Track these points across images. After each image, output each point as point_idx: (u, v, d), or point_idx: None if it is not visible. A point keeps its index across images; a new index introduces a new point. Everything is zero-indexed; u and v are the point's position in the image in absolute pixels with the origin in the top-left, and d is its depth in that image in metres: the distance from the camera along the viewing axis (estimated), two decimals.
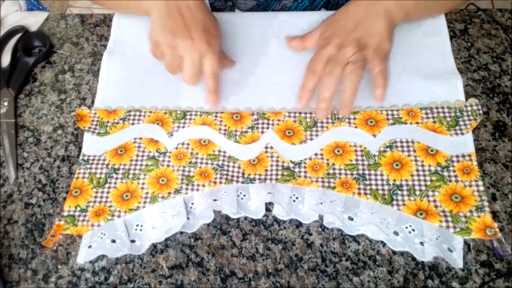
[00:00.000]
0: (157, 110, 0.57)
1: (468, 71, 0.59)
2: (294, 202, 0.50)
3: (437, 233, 0.47)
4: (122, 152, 0.54)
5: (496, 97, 0.57)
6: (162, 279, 0.48)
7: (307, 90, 0.54)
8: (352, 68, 0.52)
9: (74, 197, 0.51)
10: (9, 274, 0.49)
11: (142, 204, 0.50)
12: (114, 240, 0.49)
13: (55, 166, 0.55)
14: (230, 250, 0.49)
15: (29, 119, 0.59)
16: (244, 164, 0.52)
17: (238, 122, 0.55)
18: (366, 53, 0.53)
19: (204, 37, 0.52)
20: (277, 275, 0.48)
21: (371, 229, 0.48)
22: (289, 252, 0.49)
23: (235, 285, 0.47)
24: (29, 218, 0.52)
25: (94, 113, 0.57)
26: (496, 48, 0.61)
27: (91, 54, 0.64)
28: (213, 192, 0.50)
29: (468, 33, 0.63)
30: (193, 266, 0.48)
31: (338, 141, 0.53)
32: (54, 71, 0.63)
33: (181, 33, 0.51)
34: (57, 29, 0.67)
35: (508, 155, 0.53)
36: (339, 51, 0.53)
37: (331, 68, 0.52)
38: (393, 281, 0.47)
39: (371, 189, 0.49)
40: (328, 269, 0.48)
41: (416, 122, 0.53)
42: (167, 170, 0.52)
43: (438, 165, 0.50)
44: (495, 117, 0.55)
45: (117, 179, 0.52)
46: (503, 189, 0.51)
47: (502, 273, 0.46)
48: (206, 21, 0.53)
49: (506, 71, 0.59)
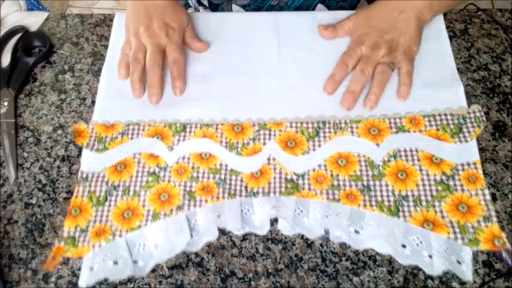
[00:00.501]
0: (156, 124, 0.56)
1: (468, 71, 0.59)
2: (299, 215, 0.50)
3: (445, 244, 0.46)
4: (121, 168, 0.53)
5: (496, 97, 0.57)
6: (162, 279, 0.48)
7: (335, 80, 0.57)
8: (383, 69, 0.56)
9: (73, 216, 0.50)
10: (9, 274, 0.49)
11: (144, 223, 0.49)
12: (117, 262, 0.48)
13: (55, 166, 0.55)
14: (230, 250, 0.49)
15: (29, 119, 0.59)
16: (246, 177, 0.51)
17: (240, 134, 0.54)
18: (396, 54, 0.57)
19: (164, 28, 0.59)
20: (277, 275, 0.48)
21: (378, 243, 0.48)
22: (289, 252, 0.49)
23: (235, 285, 0.47)
24: (29, 218, 0.52)
25: (92, 129, 0.56)
26: (496, 48, 0.61)
27: (91, 54, 0.64)
28: (216, 208, 0.50)
29: (468, 33, 0.63)
30: (193, 266, 0.48)
31: (341, 152, 0.52)
32: (54, 71, 0.63)
33: (145, 24, 0.59)
34: (57, 29, 0.67)
35: (508, 155, 0.53)
36: (372, 52, 0.57)
37: (364, 66, 0.56)
38: (393, 281, 0.47)
39: (376, 201, 0.49)
40: (328, 269, 0.48)
41: (420, 130, 0.53)
42: (168, 186, 0.51)
43: (443, 174, 0.50)
44: (495, 117, 0.55)
45: (117, 197, 0.51)
46: (503, 189, 0.51)
47: (502, 273, 0.46)
48: (167, 15, 0.60)
49: (506, 71, 0.59)
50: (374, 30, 0.58)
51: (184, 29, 0.62)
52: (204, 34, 0.64)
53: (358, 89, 0.56)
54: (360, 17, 0.61)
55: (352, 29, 0.61)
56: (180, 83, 0.58)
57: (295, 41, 0.62)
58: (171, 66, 0.58)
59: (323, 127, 0.54)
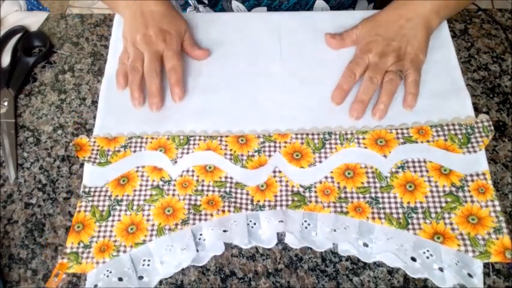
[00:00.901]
0: (159, 136, 0.55)
1: (468, 71, 0.59)
2: (306, 229, 0.49)
3: (456, 257, 0.46)
4: (124, 181, 0.52)
5: (496, 97, 0.57)
6: (162, 279, 0.48)
7: (342, 90, 0.56)
8: (391, 78, 0.55)
9: (76, 232, 0.49)
10: (9, 274, 0.49)
11: (148, 238, 0.48)
12: (121, 278, 0.47)
13: (55, 166, 0.55)
14: (230, 250, 0.49)
15: (29, 119, 0.59)
16: (252, 190, 0.51)
17: (244, 146, 0.54)
18: (403, 63, 0.56)
19: (161, 35, 0.58)
20: (277, 275, 0.48)
21: (388, 256, 0.47)
22: (289, 252, 0.49)
23: (235, 285, 0.47)
24: (29, 218, 0.52)
25: (94, 142, 0.55)
26: (496, 48, 0.61)
27: (91, 54, 0.64)
28: (222, 222, 0.49)
29: (468, 33, 0.63)
30: (193, 266, 0.48)
31: (348, 163, 0.52)
32: (54, 71, 0.63)
33: (142, 32, 0.58)
34: (57, 29, 0.67)
35: (508, 155, 0.53)
36: (380, 60, 0.56)
37: (372, 74, 0.55)
38: (393, 281, 0.47)
39: (385, 213, 0.48)
40: (328, 269, 0.48)
41: (427, 141, 0.52)
42: (173, 200, 0.51)
43: (452, 185, 0.49)
44: (495, 117, 0.55)
45: (120, 211, 0.50)
46: (503, 189, 0.51)
47: (502, 273, 0.46)
48: (164, 22, 0.60)
49: (506, 71, 0.59)
50: (381, 38, 0.57)
51: (183, 35, 0.61)
52: (204, 43, 0.63)
53: (367, 98, 0.55)
54: (366, 26, 0.60)
55: (359, 37, 0.60)
56: (179, 90, 0.57)
57: (298, 50, 0.61)
58: (169, 73, 0.57)
59: (329, 138, 0.53)
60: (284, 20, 0.64)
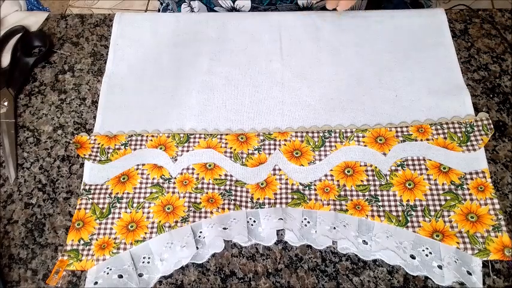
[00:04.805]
0: (159, 134, 0.55)
1: (468, 71, 0.59)
2: (306, 226, 0.49)
3: (455, 255, 0.46)
4: (124, 179, 0.52)
5: (496, 97, 0.57)
6: (162, 279, 0.48)
7: None
8: None
9: (76, 229, 0.50)
10: (9, 274, 0.49)
11: (148, 235, 0.49)
12: (121, 275, 0.47)
13: (55, 166, 0.55)
14: (230, 250, 0.49)
15: (29, 119, 0.59)
16: (252, 188, 0.51)
17: (244, 144, 0.54)
18: None
19: None
20: (277, 275, 0.48)
21: (387, 254, 0.47)
22: (289, 252, 0.49)
23: (235, 285, 0.47)
24: (29, 218, 0.52)
25: (94, 139, 0.55)
26: (496, 48, 0.61)
27: (91, 54, 0.64)
28: (221, 220, 0.49)
29: (468, 33, 0.63)
30: (193, 266, 0.48)
31: (348, 161, 0.52)
32: (54, 71, 0.63)
33: None
34: (57, 29, 0.67)
35: (508, 155, 0.53)
36: None
37: None
38: (393, 281, 0.47)
39: (384, 211, 0.48)
40: (328, 269, 0.48)
41: (427, 139, 0.52)
42: (173, 197, 0.51)
43: (452, 183, 0.50)
44: (495, 117, 0.55)
45: (120, 209, 0.51)
46: (503, 189, 0.51)
47: (502, 273, 0.46)
48: None
49: (506, 71, 0.59)
50: None
51: None
52: (205, 43, 0.63)
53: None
54: None
55: None
56: None
57: (298, 49, 0.61)
58: None
59: (329, 136, 0.54)
60: (284, 18, 0.64)
